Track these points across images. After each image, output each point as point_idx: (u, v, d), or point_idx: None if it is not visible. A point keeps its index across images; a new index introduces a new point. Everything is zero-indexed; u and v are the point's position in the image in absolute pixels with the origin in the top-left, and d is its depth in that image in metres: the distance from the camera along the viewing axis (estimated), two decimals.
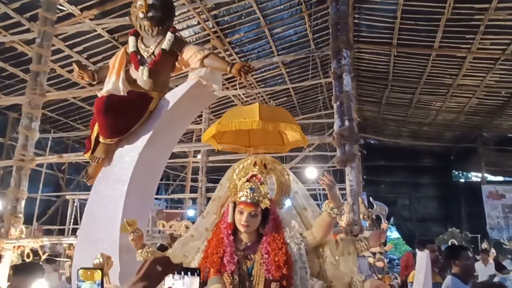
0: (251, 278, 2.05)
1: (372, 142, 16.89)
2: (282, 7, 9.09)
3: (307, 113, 13.76)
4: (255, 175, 2.25)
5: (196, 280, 0.76)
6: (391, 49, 10.16)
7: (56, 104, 10.74)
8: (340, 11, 4.31)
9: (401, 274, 4.77)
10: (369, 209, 2.98)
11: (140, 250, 2.17)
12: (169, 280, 0.75)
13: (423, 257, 1.97)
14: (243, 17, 9.18)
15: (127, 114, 2.52)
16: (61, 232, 9.99)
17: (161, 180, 16.63)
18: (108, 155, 2.54)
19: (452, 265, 3.19)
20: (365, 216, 2.79)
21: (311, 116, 12.63)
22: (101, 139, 2.52)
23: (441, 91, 12.13)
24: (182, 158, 11.51)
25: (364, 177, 13.40)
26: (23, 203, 4.83)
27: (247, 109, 2.26)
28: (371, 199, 3.80)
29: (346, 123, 3.42)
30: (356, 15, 9.46)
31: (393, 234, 19.59)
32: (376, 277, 3.79)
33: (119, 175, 2.44)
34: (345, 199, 3.59)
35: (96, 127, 2.55)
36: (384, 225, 3.65)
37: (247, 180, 2.22)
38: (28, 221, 7.61)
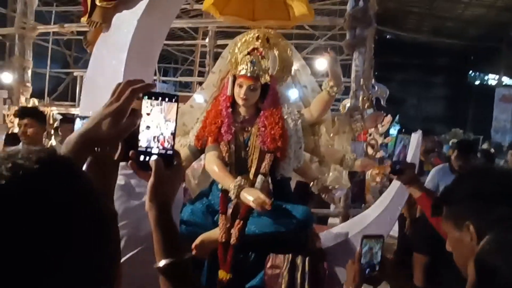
0: (247, 149, 2.15)
1: (388, 37, 16.07)
2: None
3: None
4: (256, 49, 2.19)
5: (174, 107, 0.76)
6: None
7: None
8: None
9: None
10: (369, 92, 2.96)
11: None
12: (146, 105, 0.76)
13: (415, 137, 2.01)
14: None
15: None
16: (72, 107, 10.28)
17: (169, 63, 16.44)
18: (106, 20, 2.43)
19: (452, 157, 3.36)
20: (364, 98, 2.79)
21: (326, 2, 11.77)
22: (97, 2, 2.38)
23: None
24: (190, 41, 11.16)
25: (376, 73, 13.09)
26: (29, 72, 4.86)
27: None
28: (373, 81, 3.74)
29: (361, 3, 3.18)
30: None
31: (396, 131, 20.00)
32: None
33: (118, 41, 2.37)
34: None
35: None
36: (387, 118, 3.66)
37: (248, 53, 2.17)
38: (40, 97, 7.77)
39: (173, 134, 0.79)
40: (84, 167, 0.73)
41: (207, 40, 9.58)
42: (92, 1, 2.41)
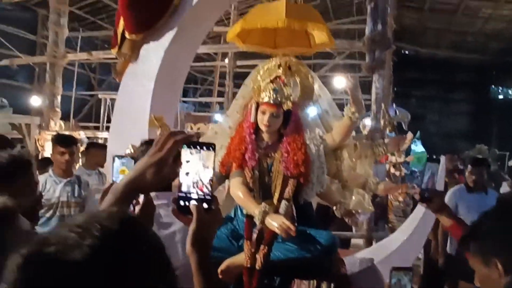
0: (271, 174, 2.19)
1: (407, 53, 15.99)
2: None
3: (340, 17, 12.93)
4: (279, 76, 2.25)
5: (211, 155, 0.81)
6: None
7: (82, 1, 10.52)
8: None
9: None
10: (391, 116, 2.97)
11: None
12: (185, 153, 0.81)
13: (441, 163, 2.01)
14: None
15: (151, 8, 2.47)
16: (96, 129, 10.59)
17: (189, 83, 16.81)
18: (134, 51, 2.57)
19: (466, 173, 3.29)
20: (386, 123, 2.79)
21: (344, 21, 11.87)
22: (127, 35, 2.52)
23: None
24: (209, 62, 11.41)
25: (395, 89, 13.01)
26: (59, 98, 5.08)
27: (273, 6, 2.17)
28: (394, 106, 3.74)
29: (379, 27, 3.22)
30: None
31: (418, 148, 19.63)
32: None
33: (146, 71, 2.49)
34: (370, 111, 3.57)
35: (121, 22, 2.54)
36: (408, 135, 3.64)
37: (271, 81, 2.23)
38: (65, 118, 8.07)
39: (211, 180, 0.83)
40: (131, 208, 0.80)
41: (226, 61, 9.79)
42: (122, 34, 2.55)
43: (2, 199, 0.91)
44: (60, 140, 2.75)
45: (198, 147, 0.81)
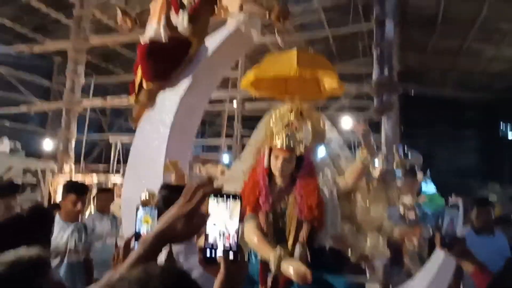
0: (284, 218, 2.19)
1: (413, 92, 16.20)
2: None
3: (346, 60, 13.28)
4: (291, 122, 2.30)
5: (237, 205, 0.84)
6: None
7: (96, 50, 10.99)
8: None
9: None
10: (404, 159, 2.98)
11: None
12: (212, 204, 0.84)
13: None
14: None
15: (168, 60, 2.60)
16: (106, 171, 10.67)
17: None
18: (151, 99, 2.67)
19: (472, 215, 3.17)
20: (398, 165, 2.80)
21: (350, 64, 12.19)
22: (144, 84, 2.64)
23: (496, 38, 11.24)
24: (218, 103, 11.65)
25: (402, 128, 13.06)
26: (73, 142, 5.21)
27: (285, 56, 2.27)
28: (405, 147, 3.76)
29: (386, 72, 3.32)
30: None
31: (429, 187, 19.31)
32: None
33: (161, 118, 2.58)
34: (380, 152, 3.60)
35: (139, 72, 2.66)
36: (419, 175, 3.63)
37: (283, 127, 2.28)
38: (75, 160, 8.20)
39: (238, 231, 0.85)
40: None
41: (235, 104, 10.00)
42: (139, 83, 2.67)
43: (36, 249, 0.93)
44: (74, 189, 2.70)
45: (225, 197, 0.84)
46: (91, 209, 4.34)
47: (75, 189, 2.66)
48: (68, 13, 8.96)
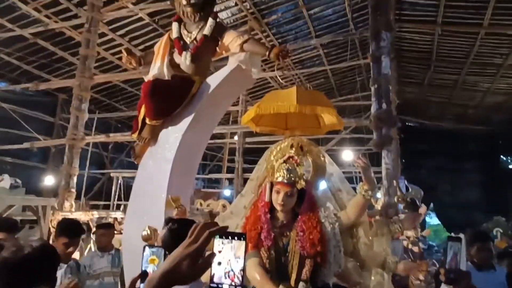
0: (287, 254, 2.17)
1: (412, 124, 16.35)
2: None
3: (345, 94, 13.52)
4: (291, 157, 2.33)
5: (242, 244, 0.84)
6: (436, 27, 9.71)
7: (100, 86, 11.24)
8: None
9: None
10: (404, 193, 2.98)
11: None
12: (218, 243, 0.85)
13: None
14: None
15: (171, 97, 2.67)
16: (106, 207, 10.61)
17: None
18: (153, 135, 2.72)
19: (470, 250, 3.11)
20: (399, 199, 2.81)
21: (349, 98, 12.40)
22: (147, 121, 2.69)
23: (490, 72, 11.50)
24: (219, 139, 11.75)
25: (403, 160, 13.06)
26: (75, 178, 5.22)
27: (285, 93, 2.34)
28: (406, 182, 3.77)
29: (384, 106, 3.39)
30: None
31: (433, 220, 19.08)
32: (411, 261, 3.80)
33: (164, 154, 2.61)
34: (381, 183, 3.60)
35: (142, 109, 2.73)
36: (422, 209, 3.61)
37: (284, 162, 2.31)
38: (76, 196, 8.17)
39: (243, 270, 0.86)
40: None
41: (236, 138, 10.09)
42: (142, 120, 2.73)
43: None
44: (67, 231, 2.53)
45: (230, 237, 0.85)
46: (91, 245, 4.28)
47: (68, 232, 2.51)
48: (73, 51, 9.27)
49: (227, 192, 13.19)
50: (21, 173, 10.12)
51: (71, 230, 2.55)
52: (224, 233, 0.86)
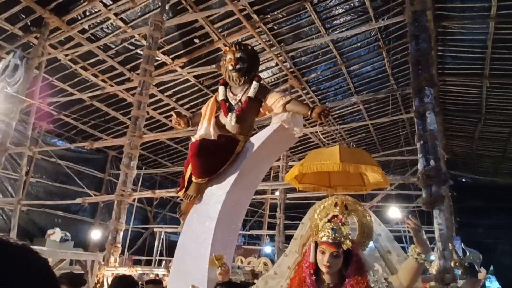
0: None
1: (465, 180, 15.51)
2: (359, 44, 9.15)
3: (388, 149, 13.24)
4: (336, 216, 2.27)
5: None
6: (483, 80, 9.51)
7: (147, 143, 11.83)
8: (420, 48, 4.21)
9: None
10: (461, 256, 2.75)
11: None
12: None
13: None
14: (319, 56, 9.40)
15: (217, 156, 2.76)
16: (148, 263, 10.65)
17: None
18: (199, 193, 2.78)
19: None
20: (456, 264, 2.59)
21: (392, 152, 12.11)
22: (193, 179, 2.78)
23: None
24: (260, 195, 11.72)
25: (458, 219, 12.26)
26: (121, 234, 5.35)
27: (328, 151, 2.34)
28: (463, 245, 3.50)
29: (432, 162, 3.27)
30: (439, 47, 9.11)
31: (493, 284, 17.37)
32: None
33: (208, 212, 2.64)
34: (434, 244, 3.37)
35: (189, 168, 2.83)
36: (481, 274, 3.33)
37: (329, 221, 2.25)
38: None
39: None
40: None
41: (277, 193, 10.02)
42: (189, 178, 2.82)
43: None
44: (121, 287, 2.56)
45: None
46: None
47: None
48: (124, 111, 9.96)
49: (268, 249, 12.86)
50: (71, 226, 10.56)
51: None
52: None
